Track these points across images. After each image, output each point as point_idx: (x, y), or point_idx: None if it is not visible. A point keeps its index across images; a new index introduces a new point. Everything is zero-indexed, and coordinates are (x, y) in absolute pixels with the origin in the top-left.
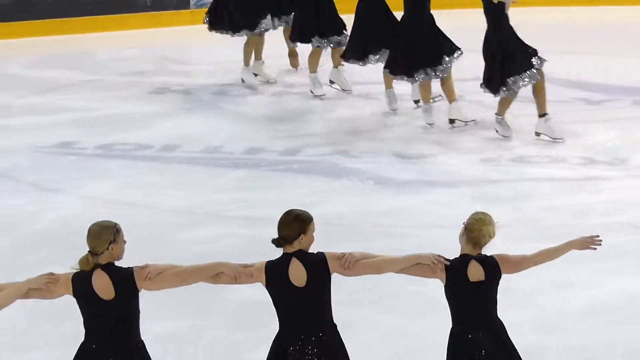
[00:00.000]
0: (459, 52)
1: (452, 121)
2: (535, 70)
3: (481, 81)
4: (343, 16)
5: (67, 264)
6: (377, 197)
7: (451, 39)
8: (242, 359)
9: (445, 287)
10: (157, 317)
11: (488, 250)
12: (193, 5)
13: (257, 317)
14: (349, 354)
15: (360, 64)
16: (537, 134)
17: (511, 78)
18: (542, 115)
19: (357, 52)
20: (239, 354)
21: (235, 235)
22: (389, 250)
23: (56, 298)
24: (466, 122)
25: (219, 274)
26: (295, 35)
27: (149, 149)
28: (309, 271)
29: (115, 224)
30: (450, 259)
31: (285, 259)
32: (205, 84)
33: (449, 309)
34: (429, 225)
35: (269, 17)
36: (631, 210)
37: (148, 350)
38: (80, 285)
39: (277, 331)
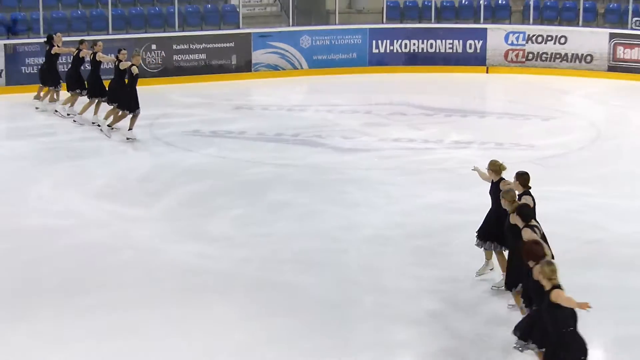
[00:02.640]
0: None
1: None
2: None
3: None
4: None
5: (197, 183)
6: (334, 156)
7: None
8: (271, 225)
9: None
10: (233, 207)
11: None
12: (253, 70)
13: (277, 208)
14: None
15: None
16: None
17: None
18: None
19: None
20: (270, 223)
21: (269, 171)
22: (340, 180)
23: None
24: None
25: None
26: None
27: (232, 133)
28: None
29: None
30: None
31: None
32: (258, 105)
33: None
34: (360, 169)
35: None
36: (444, 163)
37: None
38: None
39: None
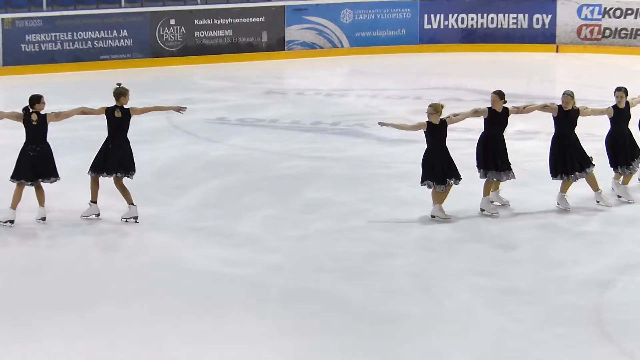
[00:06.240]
0: None
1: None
2: None
3: None
4: None
5: (223, 178)
6: (379, 148)
7: None
8: (307, 227)
9: None
10: (263, 206)
11: None
12: (287, 49)
13: (314, 208)
14: None
15: None
16: None
17: None
18: None
19: None
20: (306, 225)
21: (305, 165)
22: (386, 175)
23: None
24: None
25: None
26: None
27: (263, 121)
28: None
29: None
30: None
31: None
32: (293, 89)
33: None
34: (408, 162)
35: None
36: None
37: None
38: None
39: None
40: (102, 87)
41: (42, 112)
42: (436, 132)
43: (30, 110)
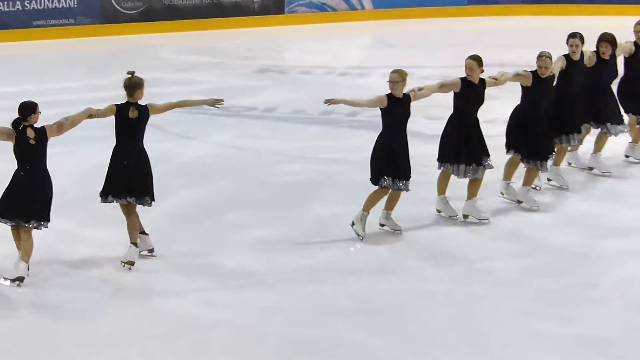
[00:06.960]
0: None
1: None
2: None
3: None
4: None
5: (202, 187)
6: (412, 146)
7: None
8: (314, 254)
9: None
10: (256, 225)
11: None
12: (287, 11)
13: (323, 228)
14: None
15: None
16: None
17: None
18: None
19: None
20: (312, 251)
21: (312, 170)
22: (420, 183)
23: None
24: None
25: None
26: None
27: (255, 110)
28: None
29: None
30: None
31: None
32: (295, 67)
33: None
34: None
35: None
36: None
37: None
38: None
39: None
40: (37, 64)
41: (36, 125)
42: (398, 108)
43: (24, 124)
